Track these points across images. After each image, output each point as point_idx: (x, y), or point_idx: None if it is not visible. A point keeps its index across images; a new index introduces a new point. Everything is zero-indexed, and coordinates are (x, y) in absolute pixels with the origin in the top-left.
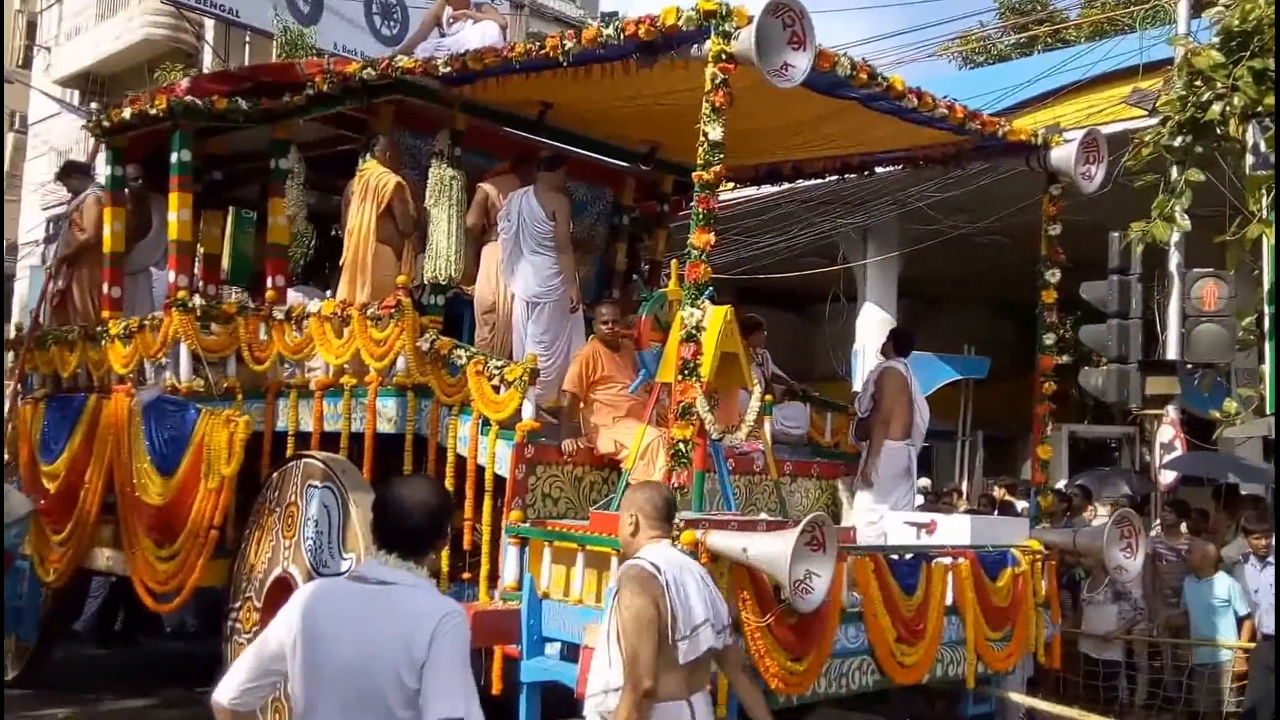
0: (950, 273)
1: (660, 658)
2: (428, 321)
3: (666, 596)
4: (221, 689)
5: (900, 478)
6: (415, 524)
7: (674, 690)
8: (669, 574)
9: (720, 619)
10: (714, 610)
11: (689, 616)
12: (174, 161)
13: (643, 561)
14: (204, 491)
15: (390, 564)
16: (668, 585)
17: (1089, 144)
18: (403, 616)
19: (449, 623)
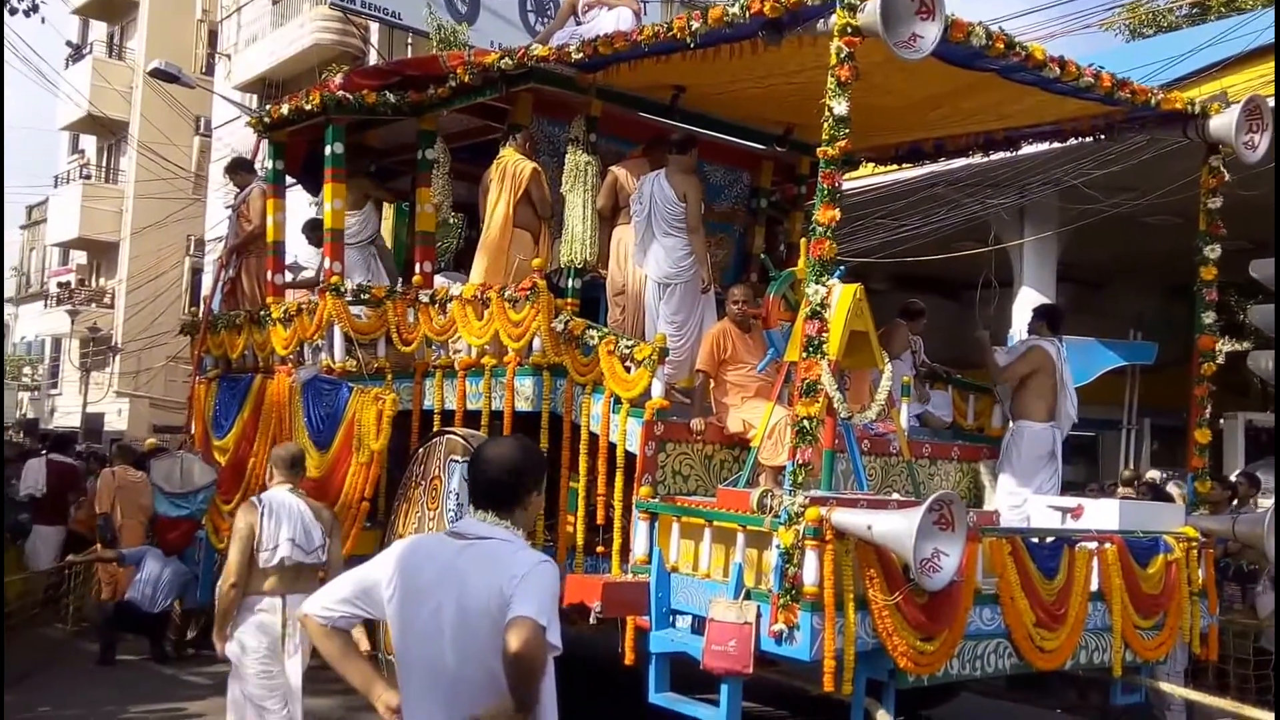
0: (1116, 254)
1: (252, 565)
2: (563, 304)
3: (260, 521)
4: (311, 601)
5: (1044, 460)
6: (500, 480)
7: (261, 587)
8: (266, 506)
9: (311, 543)
10: (305, 536)
11: (273, 537)
12: (327, 154)
13: (254, 497)
14: (355, 465)
15: (488, 520)
16: (262, 514)
17: (1252, 111)
18: (495, 569)
19: (539, 569)
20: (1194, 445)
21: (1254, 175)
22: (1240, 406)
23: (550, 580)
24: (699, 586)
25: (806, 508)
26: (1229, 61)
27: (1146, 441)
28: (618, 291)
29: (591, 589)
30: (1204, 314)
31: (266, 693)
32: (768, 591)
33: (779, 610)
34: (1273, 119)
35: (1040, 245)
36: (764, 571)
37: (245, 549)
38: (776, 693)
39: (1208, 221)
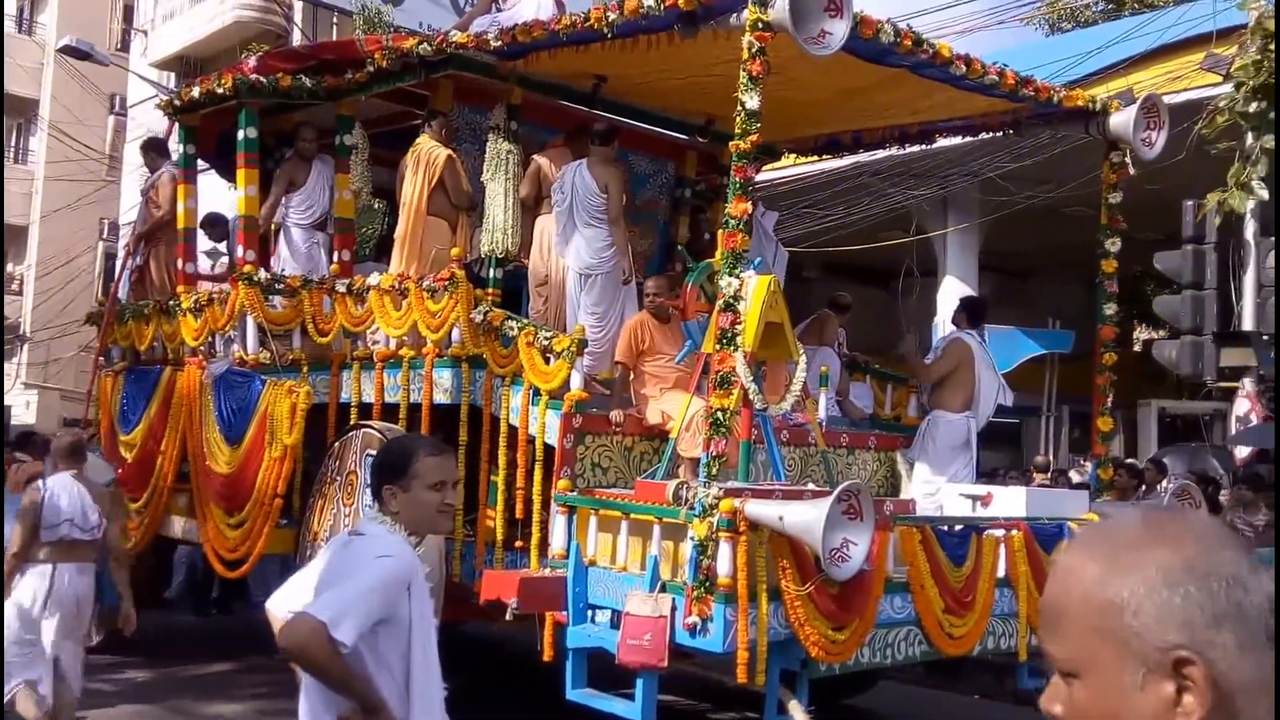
0: (1037, 245)
1: (34, 537)
2: (483, 294)
3: (42, 502)
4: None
5: (959, 450)
6: (371, 474)
7: (39, 556)
8: (48, 489)
9: (88, 522)
10: (82, 516)
11: (52, 515)
12: (240, 139)
13: (38, 482)
14: (268, 460)
15: (370, 514)
16: (44, 496)
17: (1149, 109)
18: (347, 564)
19: (365, 565)
20: (1097, 433)
21: (1161, 170)
22: (1155, 394)
23: (371, 576)
24: (616, 580)
25: (721, 499)
26: (1137, 58)
27: (1066, 428)
28: (540, 282)
29: (508, 585)
30: (1105, 305)
31: (25, 663)
32: (683, 584)
33: (693, 602)
34: (1167, 118)
35: (963, 235)
36: (680, 564)
37: (29, 525)
38: (695, 685)
39: (1108, 216)
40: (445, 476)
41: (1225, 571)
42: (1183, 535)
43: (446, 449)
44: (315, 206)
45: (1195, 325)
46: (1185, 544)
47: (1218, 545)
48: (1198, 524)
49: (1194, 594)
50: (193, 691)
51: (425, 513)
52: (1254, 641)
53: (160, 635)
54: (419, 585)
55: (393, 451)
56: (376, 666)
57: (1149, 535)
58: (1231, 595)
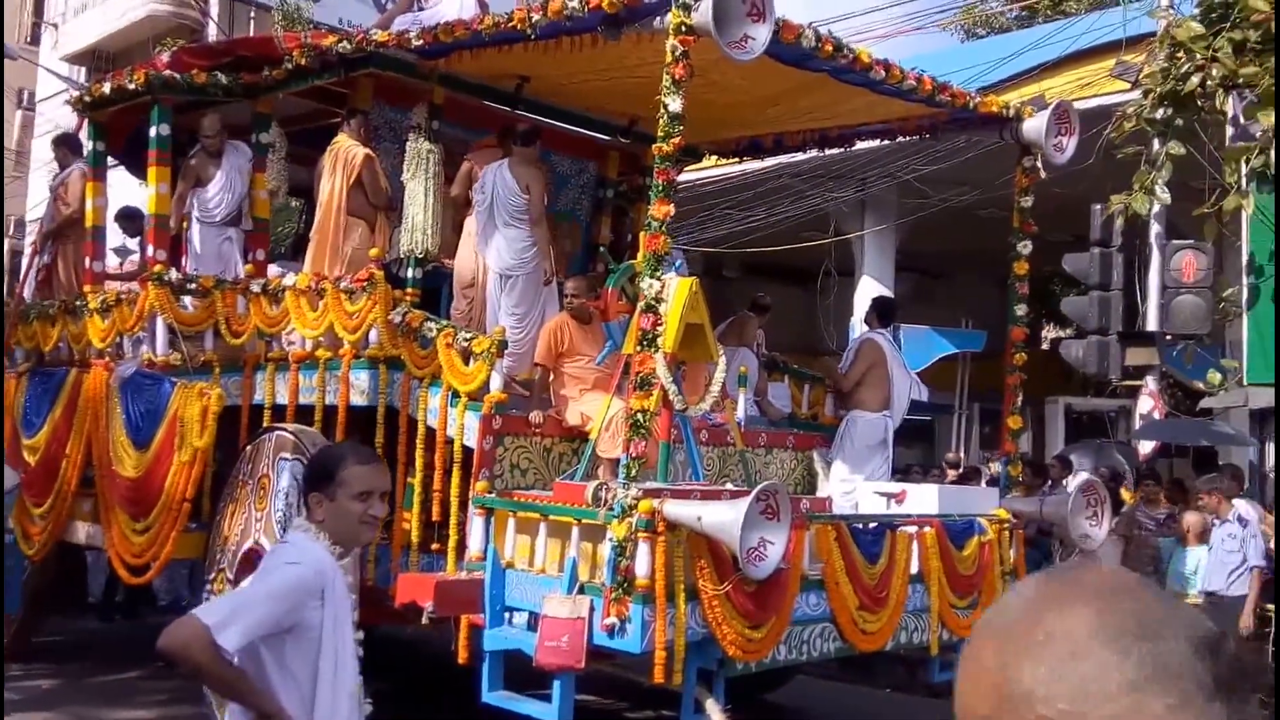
0: (952, 246)
1: None
2: (402, 295)
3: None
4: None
5: (876, 448)
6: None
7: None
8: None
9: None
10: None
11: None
12: (152, 135)
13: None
14: (177, 464)
15: (297, 523)
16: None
17: (1060, 115)
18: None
19: (263, 571)
20: (1006, 431)
21: (1071, 174)
22: (1063, 391)
23: (271, 582)
24: (534, 582)
25: (639, 500)
26: (1049, 64)
27: (977, 425)
28: (466, 284)
29: (424, 588)
30: (1016, 306)
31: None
32: (601, 585)
33: (611, 603)
34: (1078, 124)
35: (880, 236)
36: (598, 565)
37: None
38: (611, 685)
39: (1020, 219)
40: (372, 486)
41: (1136, 626)
42: (1085, 595)
43: (376, 459)
44: (225, 203)
45: (1101, 325)
46: (1090, 604)
47: (1124, 597)
48: (1099, 579)
49: (1110, 661)
50: (97, 698)
51: (348, 523)
52: (1187, 702)
53: (66, 642)
54: (336, 595)
55: (321, 459)
56: (282, 677)
57: (1050, 602)
58: (1149, 651)
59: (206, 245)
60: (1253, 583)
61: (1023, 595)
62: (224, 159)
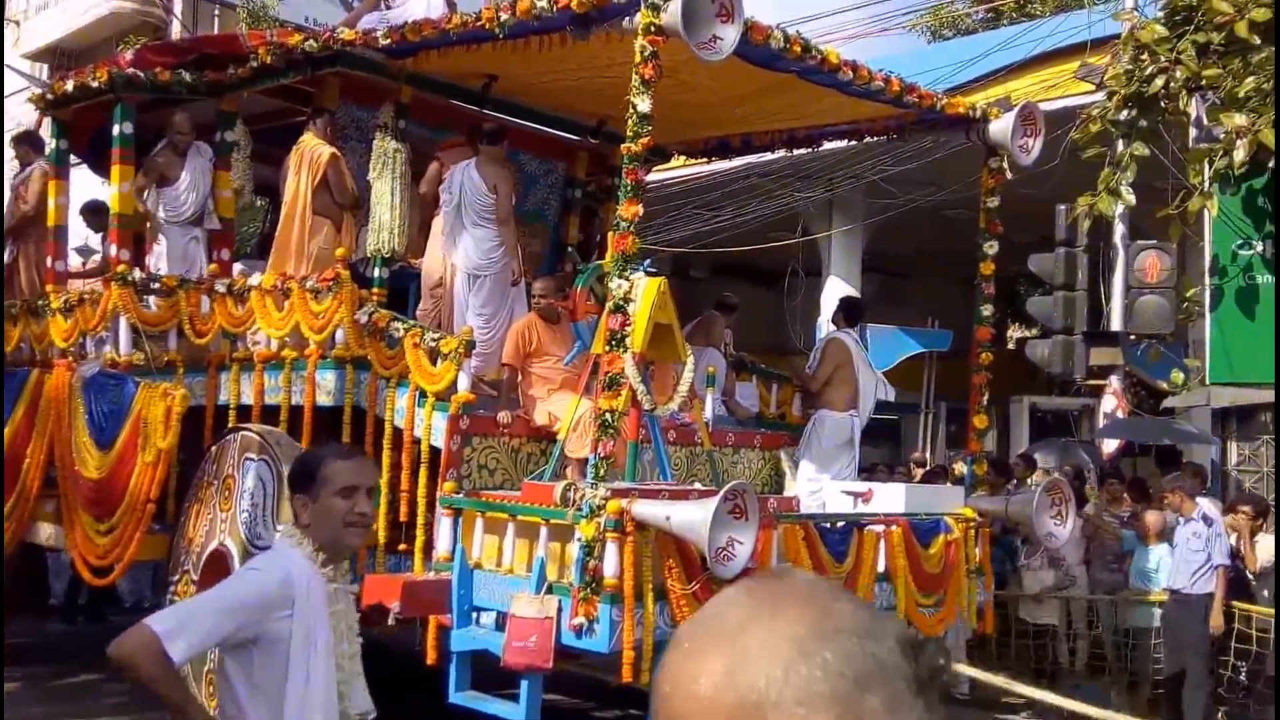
0: (918, 247)
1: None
2: (370, 294)
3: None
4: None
5: (842, 448)
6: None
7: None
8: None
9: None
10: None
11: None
12: (116, 134)
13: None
14: (141, 465)
15: (282, 528)
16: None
17: (1026, 117)
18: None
19: (228, 578)
20: (973, 430)
21: (1037, 175)
22: (1028, 390)
23: (225, 592)
24: (502, 582)
25: (608, 500)
26: (1015, 66)
27: (943, 424)
28: (435, 284)
29: (391, 589)
30: (983, 307)
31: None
32: (569, 585)
33: (579, 603)
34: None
35: (847, 237)
36: (566, 565)
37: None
38: (579, 684)
39: (987, 220)
40: (356, 481)
41: (851, 625)
42: (797, 597)
43: (360, 454)
44: (191, 202)
45: (1066, 325)
46: (804, 606)
47: (833, 598)
48: (804, 582)
49: (831, 660)
50: (58, 701)
51: (333, 524)
52: (899, 699)
53: (28, 644)
54: (311, 606)
55: (302, 459)
56: (250, 691)
57: (764, 607)
58: (866, 649)
59: (173, 244)
60: (1218, 581)
61: (737, 602)
62: (188, 158)
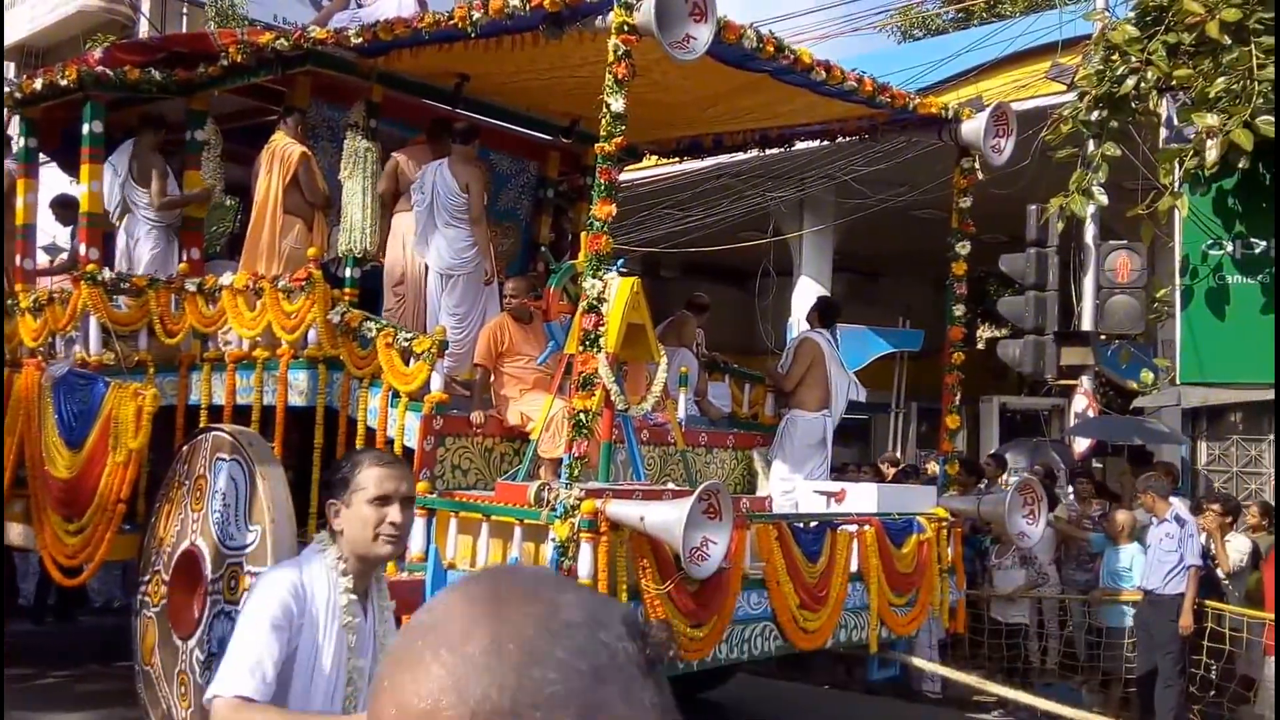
0: (889, 247)
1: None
2: (342, 294)
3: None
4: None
5: (814, 448)
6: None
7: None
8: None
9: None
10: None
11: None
12: (85, 133)
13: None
14: (111, 465)
15: (317, 536)
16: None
17: (999, 117)
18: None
19: (255, 591)
20: (945, 430)
21: (1007, 175)
22: (998, 390)
23: (247, 615)
24: None
25: (582, 500)
26: (986, 66)
27: (914, 424)
28: (397, 281)
29: None
30: (954, 306)
31: None
32: None
33: None
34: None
35: (818, 237)
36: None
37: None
38: None
39: (959, 220)
40: (389, 490)
41: (580, 617)
42: (520, 596)
43: (399, 462)
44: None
45: (1038, 325)
46: (528, 604)
47: (557, 591)
48: (525, 578)
49: (564, 658)
50: (27, 701)
51: (363, 533)
52: (632, 684)
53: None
54: (316, 614)
55: (339, 463)
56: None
57: (485, 611)
58: (598, 639)
59: (152, 244)
60: (1189, 581)
61: (455, 608)
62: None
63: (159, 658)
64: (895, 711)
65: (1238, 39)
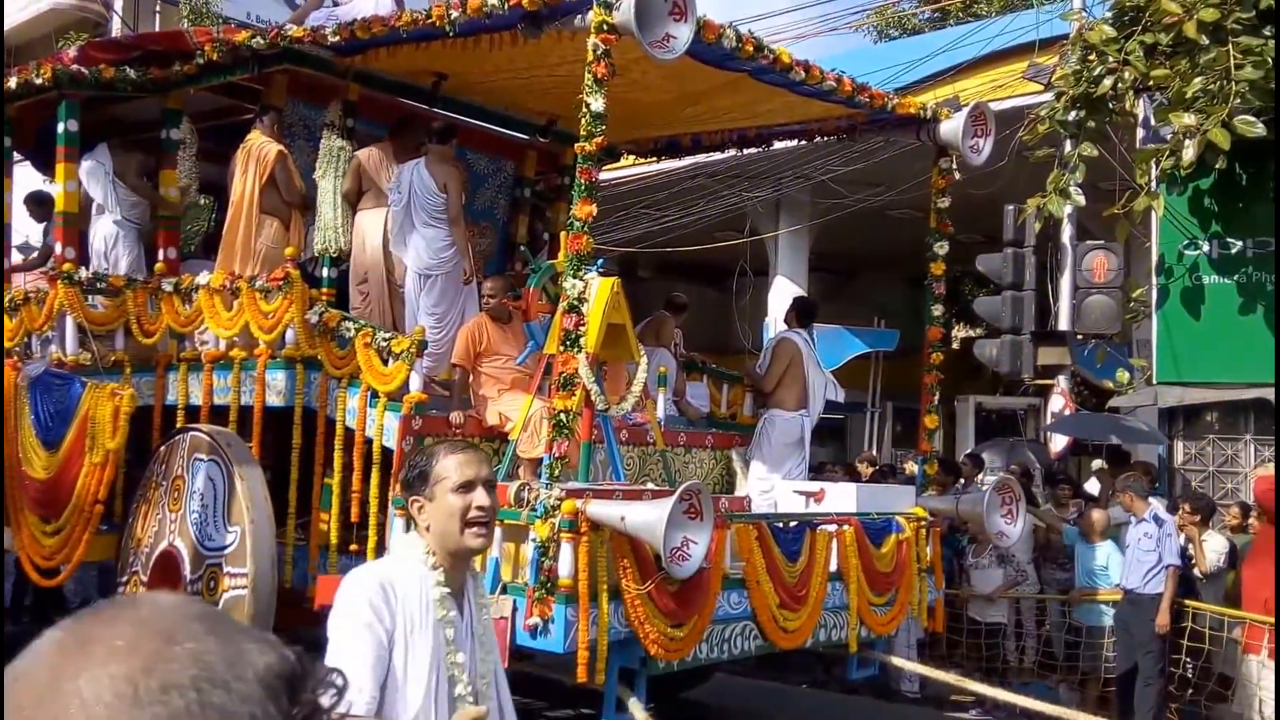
0: (864, 247)
1: None
2: (318, 294)
3: None
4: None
5: (793, 447)
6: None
7: None
8: None
9: None
10: None
11: None
12: (60, 131)
13: None
14: (88, 465)
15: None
16: None
17: (977, 117)
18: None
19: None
20: (923, 430)
21: (984, 175)
22: (973, 389)
23: (334, 628)
24: None
25: (563, 500)
26: (963, 66)
27: (889, 424)
28: (360, 280)
29: None
30: (933, 306)
31: None
32: (524, 585)
33: (534, 604)
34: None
35: (793, 237)
36: (521, 565)
37: None
38: (533, 684)
39: (937, 219)
40: (473, 474)
41: (188, 676)
42: (118, 645)
43: (472, 445)
44: (143, 203)
45: (1015, 325)
46: (125, 658)
47: (167, 640)
48: (138, 620)
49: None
50: None
51: (450, 525)
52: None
53: None
54: (409, 609)
55: (412, 460)
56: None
57: (71, 661)
58: (207, 702)
59: (131, 243)
60: (1167, 581)
61: (43, 655)
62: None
63: None
64: (874, 710)
65: (1215, 39)
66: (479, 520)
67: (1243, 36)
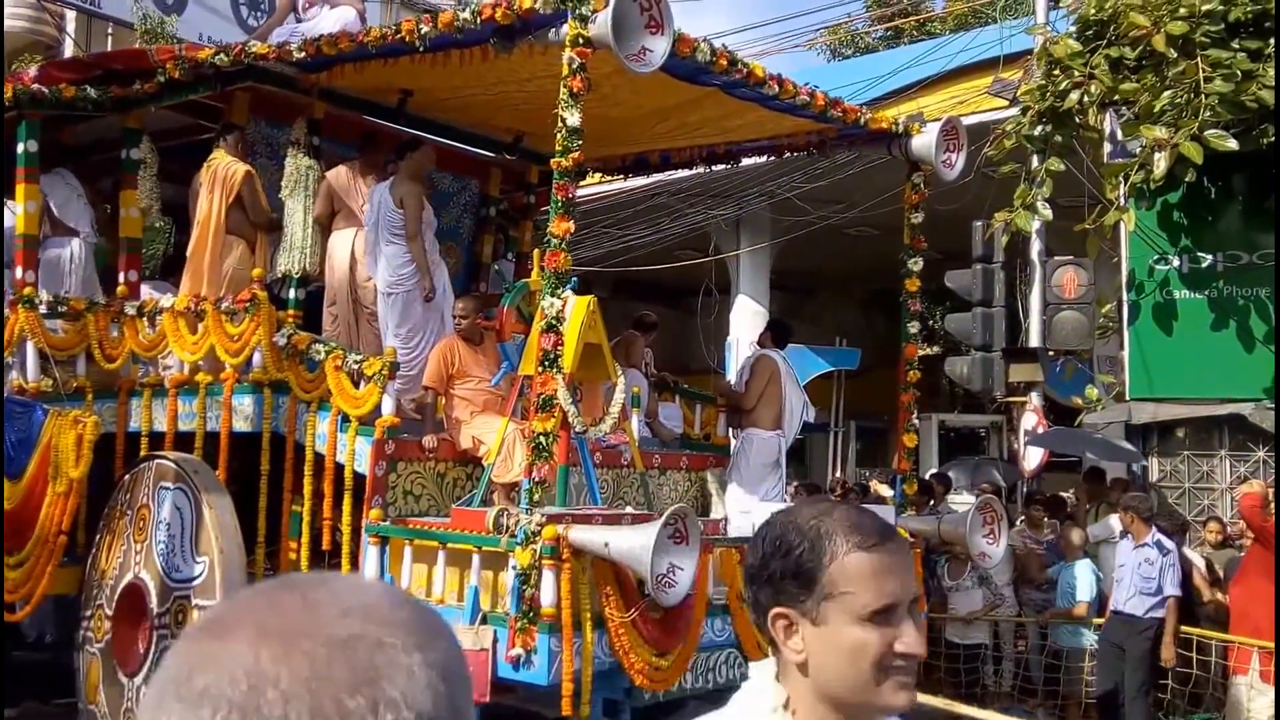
0: (824, 265)
1: None
2: (285, 316)
3: None
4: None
5: (770, 468)
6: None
7: None
8: None
9: None
10: None
11: None
12: (20, 152)
13: None
14: (52, 495)
15: (756, 669)
16: None
17: (949, 132)
18: None
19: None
20: (901, 449)
21: (948, 191)
22: (933, 407)
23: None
24: None
25: (544, 526)
26: (926, 82)
27: (852, 443)
28: (330, 302)
29: None
30: (909, 324)
31: None
32: (505, 614)
33: (516, 634)
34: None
35: (755, 255)
36: (500, 594)
37: None
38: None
39: (910, 235)
40: (894, 592)
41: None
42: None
43: (892, 532)
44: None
45: (985, 342)
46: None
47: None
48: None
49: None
50: None
51: (855, 671)
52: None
53: None
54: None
55: (781, 539)
56: None
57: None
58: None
59: (89, 266)
60: (1169, 613)
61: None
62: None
63: (103, 695)
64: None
65: (1184, 53)
66: (900, 672)
67: (1212, 49)
